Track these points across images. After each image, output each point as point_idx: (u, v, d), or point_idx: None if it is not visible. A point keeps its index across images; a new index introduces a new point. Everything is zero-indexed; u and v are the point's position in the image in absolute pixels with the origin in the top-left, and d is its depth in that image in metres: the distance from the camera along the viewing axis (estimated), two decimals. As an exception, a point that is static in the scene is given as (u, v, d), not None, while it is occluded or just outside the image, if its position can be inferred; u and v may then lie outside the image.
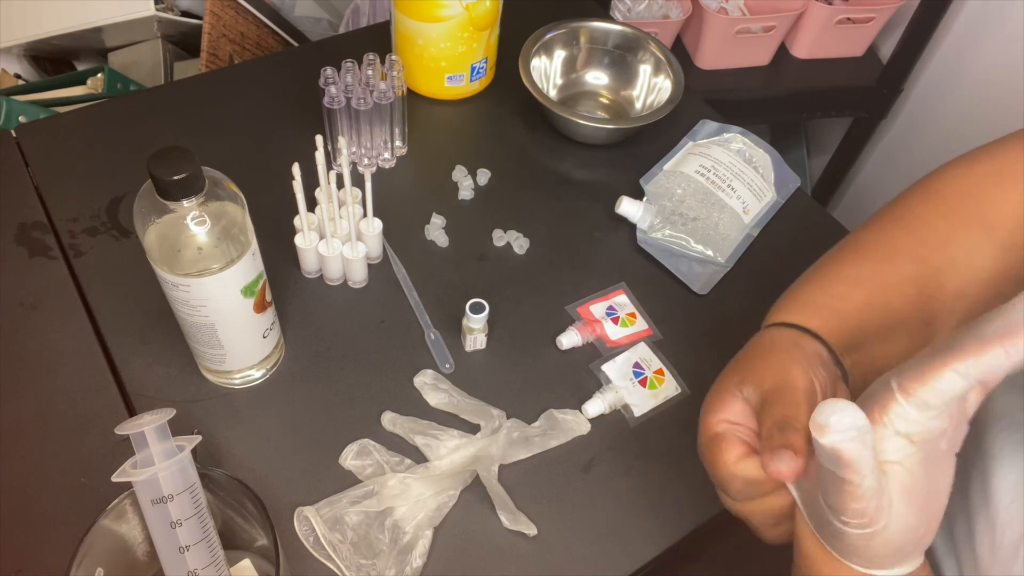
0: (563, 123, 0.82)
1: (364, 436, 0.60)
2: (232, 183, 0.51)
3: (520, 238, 0.74)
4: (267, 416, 0.62)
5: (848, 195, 1.58)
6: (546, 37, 0.86)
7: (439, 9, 0.77)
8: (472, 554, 0.56)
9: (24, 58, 1.20)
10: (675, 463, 0.62)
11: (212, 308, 0.54)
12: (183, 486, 0.46)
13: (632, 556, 0.57)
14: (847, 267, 0.53)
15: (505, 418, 0.62)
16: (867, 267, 0.52)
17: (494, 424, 0.61)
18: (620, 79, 0.89)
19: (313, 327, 0.67)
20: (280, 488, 0.58)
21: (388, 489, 0.56)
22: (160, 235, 0.49)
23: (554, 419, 0.62)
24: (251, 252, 0.53)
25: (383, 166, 0.80)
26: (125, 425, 0.46)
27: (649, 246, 0.74)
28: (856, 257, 0.53)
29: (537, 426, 0.62)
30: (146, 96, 0.88)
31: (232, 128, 0.81)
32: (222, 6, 1.14)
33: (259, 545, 0.54)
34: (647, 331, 0.69)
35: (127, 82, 1.14)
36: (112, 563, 0.48)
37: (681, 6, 1.28)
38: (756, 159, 0.80)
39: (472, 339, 0.65)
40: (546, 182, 0.81)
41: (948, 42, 1.29)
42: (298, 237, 0.67)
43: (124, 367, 0.63)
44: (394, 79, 0.73)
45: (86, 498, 0.56)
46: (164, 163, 0.46)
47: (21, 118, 0.98)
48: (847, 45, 1.35)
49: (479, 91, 0.88)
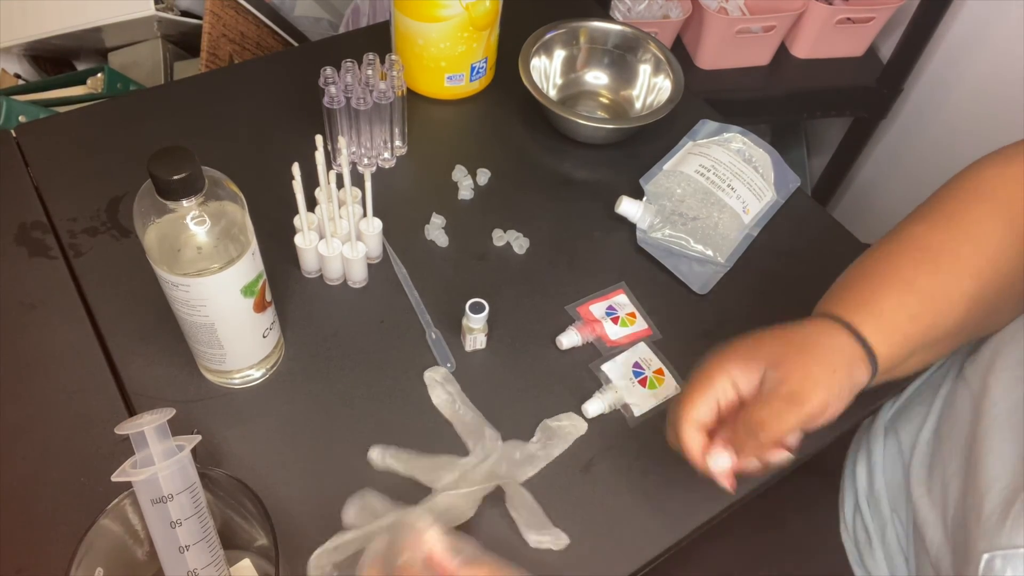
0: (563, 123, 0.82)
1: (364, 435, 0.60)
2: (232, 183, 0.51)
3: (520, 238, 0.74)
4: (267, 416, 0.62)
5: (848, 195, 1.58)
6: (546, 37, 0.86)
7: (439, 9, 0.77)
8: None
9: (24, 58, 1.20)
10: (675, 463, 0.61)
11: (212, 308, 0.54)
12: (183, 486, 0.46)
13: (632, 556, 0.57)
14: (918, 275, 0.53)
15: (499, 440, 0.60)
16: (937, 279, 0.52)
17: (485, 447, 0.60)
18: (620, 79, 0.89)
19: (313, 327, 0.67)
20: (280, 488, 0.58)
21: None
22: (160, 235, 0.49)
23: (550, 429, 0.62)
24: (251, 252, 0.53)
25: (383, 166, 0.80)
26: (125, 425, 0.46)
27: (649, 246, 0.74)
28: (925, 263, 0.53)
29: (536, 441, 0.61)
30: (146, 96, 0.88)
31: (232, 128, 0.81)
32: (222, 6, 1.14)
33: (259, 545, 0.54)
34: (647, 331, 0.69)
35: (127, 82, 1.14)
36: (112, 563, 0.48)
37: (681, 6, 1.28)
38: (756, 159, 0.80)
39: (472, 339, 0.65)
40: (546, 182, 0.81)
41: (948, 42, 1.29)
42: (298, 237, 0.67)
43: (124, 367, 0.63)
44: (394, 79, 0.73)
45: (86, 498, 0.56)
46: (164, 163, 0.46)
47: (21, 118, 0.98)
48: (847, 45, 1.35)
49: (479, 91, 0.88)
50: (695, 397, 0.50)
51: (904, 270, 0.53)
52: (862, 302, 0.52)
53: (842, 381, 0.48)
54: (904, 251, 0.54)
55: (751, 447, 0.48)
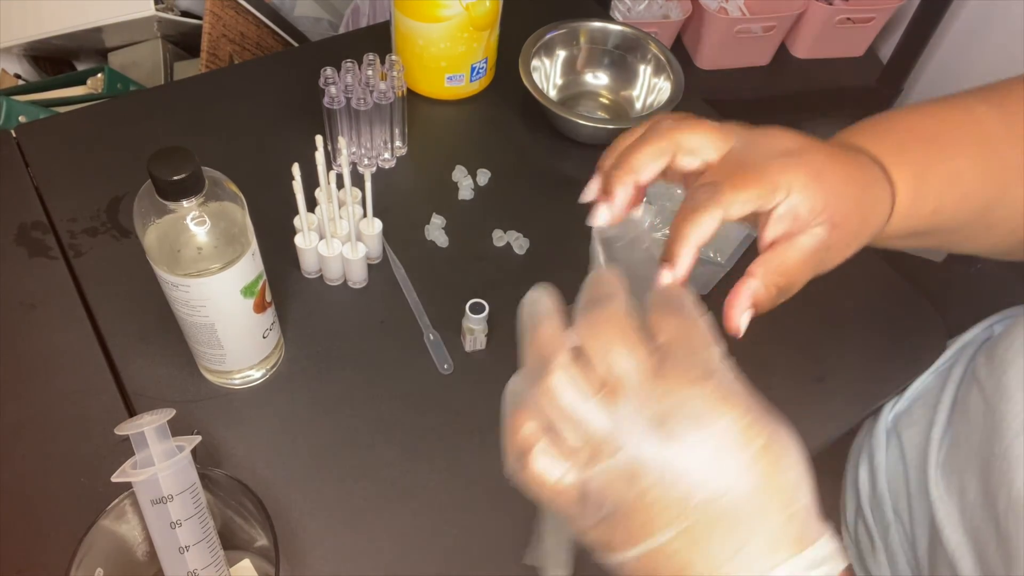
0: (563, 123, 0.82)
1: (364, 435, 0.60)
2: (232, 183, 0.51)
3: (520, 238, 0.74)
4: (267, 416, 0.62)
5: (848, 195, 1.57)
6: (546, 37, 0.86)
7: (439, 9, 0.77)
8: (473, 553, 0.56)
9: (24, 58, 1.20)
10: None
11: (212, 308, 0.54)
12: (183, 486, 0.46)
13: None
14: (965, 151, 0.46)
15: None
16: (981, 166, 0.46)
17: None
18: (620, 79, 0.89)
19: (313, 327, 0.67)
20: (280, 488, 0.58)
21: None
22: (160, 235, 0.49)
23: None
24: (251, 252, 0.53)
25: (383, 166, 0.80)
26: (125, 425, 0.46)
27: (649, 246, 0.74)
28: (976, 145, 0.47)
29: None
30: (146, 96, 0.88)
31: (232, 128, 0.81)
32: (222, 6, 1.14)
33: (259, 545, 0.54)
34: (647, 331, 0.69)
35: (127, 82, 1.14)
36: (112, 563, 0.48)
37: (681, 6, 1.28)
38: (756, 159, 0.80)
39: (472, 339, 0.65)
40: (546, 182, 0.80)
41: (948, 42, 1.30)
42: (298, 237, 0.67)
43: (124, 367, 0.63)
44: (394, 79, 0.73)
45: (86, 498, 0.55)
46: (164, 163, 0.46)
47: (21, 118, 0.98)
48: (847, 45, 1.35)
49: (479, 91, 0.88)
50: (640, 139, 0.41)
51: (952, 142, 0.47)
52: (897, 148, 0.45)
53: (854, 177, 0.40)
54: (959, 123, 0.48)
55: (687, 209, 0.38)
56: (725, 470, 0.30)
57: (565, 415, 0.32)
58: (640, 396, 0.31)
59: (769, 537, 0.30)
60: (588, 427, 0.31)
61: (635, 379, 0.31)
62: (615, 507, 0.31)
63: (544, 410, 0.33)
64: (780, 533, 0.30)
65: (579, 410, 0.32)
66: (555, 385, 0.32)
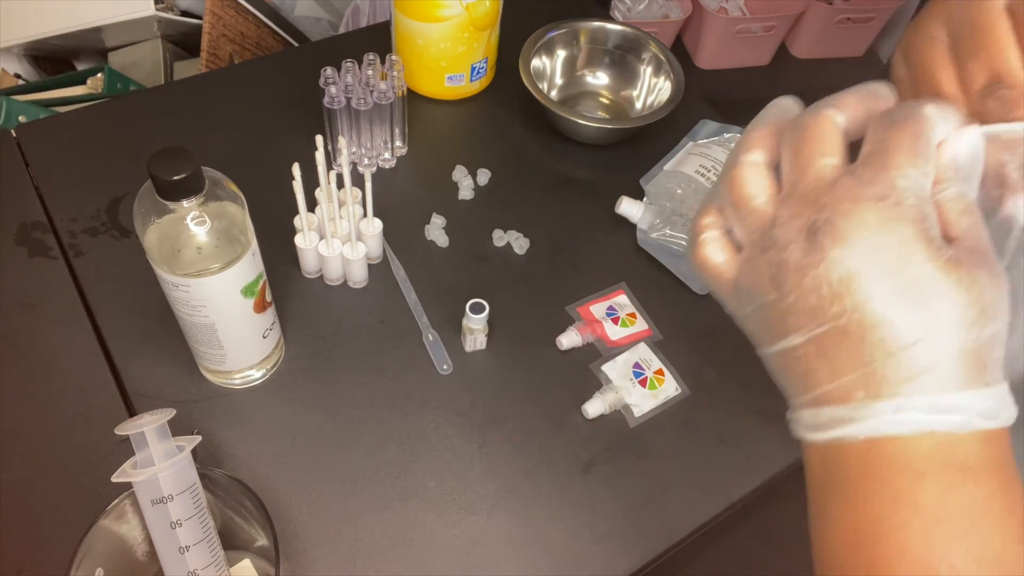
0: (563, 123, 0.82)
1: (364, 435, 0.60)
2: (232, 183, 0.51)
3: (520, 238, 0.74)
4: (267, 416, 0.62)
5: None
6: (546, 37, 0.86)
7: (439, 9, 0.77)
8: (473, 553, 0.56)
9: (24, 58, 1.20)
10: (675, 463, 0.62)
11: (212, 308, 0.54)
12: (183, 486, 0.46)
13: (632, 556, 0.57)
14: None
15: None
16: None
17: None
18: (620, 79, 0.89)
19: (313, 327, 0.67)
20: (280, 488, 0.58)
21: None
22: (160, 235, 0.49)
23: None
24: (251, 252, 0.53)
25: (383, 166, 0.80)
26: (125, 425, 0.46)
27: (649, 246, 0.74)
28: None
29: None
30: (146, 96, 0.88)
31: (232, 128, 0.81)
32: (222, 6, 1.14)
33: (259, 545, 0.54)
34: (647, 331, 0.69)
35: (127, 82, 1.14)
36: (112, 563, 0.48)
37: (681, 6, 1.28)
38: (756, 159, 0.80)
39: (472, 339, 0.65)
40: (546, 182, 0.81)
41: (948, 42, 1.29)
42: (298, 237, 0.67)
43: (124, 367, 0.63)
44: (394, 79, 0.73)
45: (86, 498, 0.56)
46: (164, 163, 0.46)
47: (21, 118, 0.98)
48: (847, 45, 1.35)
49: (479, 91, 0.88)
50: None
51: None
52: None
53: None
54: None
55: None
56: (859, 290, 0.29)
57: (735, 207, 0.34)
58: (804, 202, 0.31)
59: (911, 363, 0.29)
60: (748, 222, 0.33)
61: (810, 186, 0.31)
62: (760, 304, 0.33)
63: (722, 199, 0.35)
64: (935, 363, 0.29)
65: (746, 205, 0.33)
66: (735, 177, 0.34)
